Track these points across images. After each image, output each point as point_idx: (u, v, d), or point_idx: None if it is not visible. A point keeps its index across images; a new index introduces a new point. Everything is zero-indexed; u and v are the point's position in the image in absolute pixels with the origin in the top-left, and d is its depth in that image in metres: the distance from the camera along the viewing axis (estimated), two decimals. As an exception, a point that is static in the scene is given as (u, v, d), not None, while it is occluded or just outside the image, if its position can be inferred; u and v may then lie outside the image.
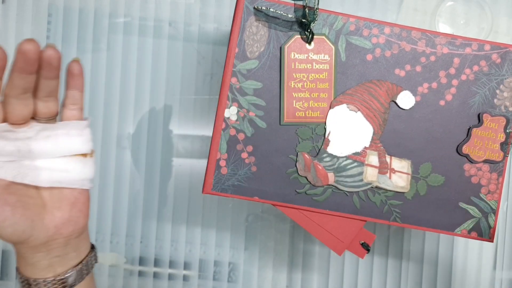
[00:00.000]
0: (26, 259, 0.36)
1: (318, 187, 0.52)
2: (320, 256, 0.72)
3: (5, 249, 0.72)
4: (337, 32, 0.51)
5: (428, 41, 0.51)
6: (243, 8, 0.50)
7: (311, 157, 0.52)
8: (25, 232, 0.34)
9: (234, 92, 0.51)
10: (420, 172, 0.52)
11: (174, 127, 0.72)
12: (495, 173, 0.53)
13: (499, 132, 0.52)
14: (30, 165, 0.34)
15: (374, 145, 0.52)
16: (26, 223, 0.34)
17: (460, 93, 0.52)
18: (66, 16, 0.71)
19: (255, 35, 0.50)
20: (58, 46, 0.71)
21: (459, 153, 0.52)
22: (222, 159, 0.51)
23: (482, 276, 0.72)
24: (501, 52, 0.52)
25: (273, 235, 0.72)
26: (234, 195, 0.52)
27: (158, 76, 0.72)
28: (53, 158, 0.35)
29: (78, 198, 0.37)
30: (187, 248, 0.72)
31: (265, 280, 0.73)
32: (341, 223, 0.53)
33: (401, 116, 0.52)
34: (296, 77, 0.51)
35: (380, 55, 0.51)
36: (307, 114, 0.51)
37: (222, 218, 0.72)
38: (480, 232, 0.54)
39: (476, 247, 0.73)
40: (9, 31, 0.70)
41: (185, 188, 0.72)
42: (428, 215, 0.53)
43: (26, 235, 0.34)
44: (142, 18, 0.71)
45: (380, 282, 0.73)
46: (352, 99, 0.51)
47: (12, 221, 0.33)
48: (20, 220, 0.34)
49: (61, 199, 0.37)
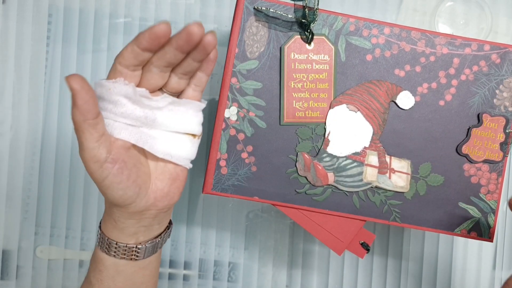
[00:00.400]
0: (117, 223, 0.37)
1: (318, 187, 0.52)
2: (320, 255, 0.73)
3: (5, 249, 0.72)
4: (337, 32, 0.51)
5: (428, 41, 0.51)
6: (243, 9, 0.50)
7: (311, 157, 0.52)
8: (131, 197, 0.35)
9: (234, 92, 0.51)
10: (419, 172, 0.53)
11: (174, 127, 0.73)
12: (495, 173, 0.53)
13: (498, 132, 0.52)
14: (149, 133, 0.35)
15: (373, 145, 0.52)
16: (135, 189, 0.35)
17: (460, 93, 0.52)
18: (66, 16, 0.71)
19: (255, 36, 0.50)
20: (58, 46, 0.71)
21: (459, 153, 0.52)
22: (222, 159, 0.51)
23: (482, 276, 0.73)
24: (501, 52, 0.52)
25: (273, 235, 0.72)
26: (234, 195, 0.52)
27: (158, 76, 0.72)
28: (169, 131, 0.36)
29: (179, 175, 0.39)
30: (187, 248, 0.72)
31: (265, 279, 0.73)
32: (341, 223, 0.53)
33: (400, 116, 0.52)
34: (296, 77, 0.51)
35: (380, 55, 0.51)
36: (307, 114, 0.51)
37: (222, 218, 0.72)
38: (479, 232, 0.54)
39: (475, 247, 0.73)
40: (9, 31, 0.70)
41: (185, 188, 0.72)
42: (428, 215, 0.53)
43: (131, 200, 0.35)
44: (142, 19, 0.71)
45: (380, 282, 0.73)
46: (352, 99, 0.52)
47: (125, 185, 0.34)
48: (132, 185, 0.35)
49: (165, 172, 0.38)
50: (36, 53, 0.71)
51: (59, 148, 0.71)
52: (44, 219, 0.72)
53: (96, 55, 0.71)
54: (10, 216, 0.71)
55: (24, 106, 0.71)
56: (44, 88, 0.71)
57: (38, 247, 0.72)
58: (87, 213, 0.71)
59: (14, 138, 0.71)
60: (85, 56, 0.71)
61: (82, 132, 0.32)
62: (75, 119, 0.32)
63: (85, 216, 0.71)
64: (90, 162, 0.33)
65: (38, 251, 0.72)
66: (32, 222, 0.72)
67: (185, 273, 0.72)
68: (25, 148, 0.71)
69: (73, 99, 0.31)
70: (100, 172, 0.34)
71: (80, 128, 0.32)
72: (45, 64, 0.71)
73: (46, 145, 0.71)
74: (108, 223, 0.38)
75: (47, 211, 0.71)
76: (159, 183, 0.38)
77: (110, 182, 0.34)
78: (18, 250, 0.72)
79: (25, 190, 0.72)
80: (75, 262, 0.72)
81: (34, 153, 0.71)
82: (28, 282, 0.72)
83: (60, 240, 0.71)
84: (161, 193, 0.38)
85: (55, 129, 0.71)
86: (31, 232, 0.72)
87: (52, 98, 0.71)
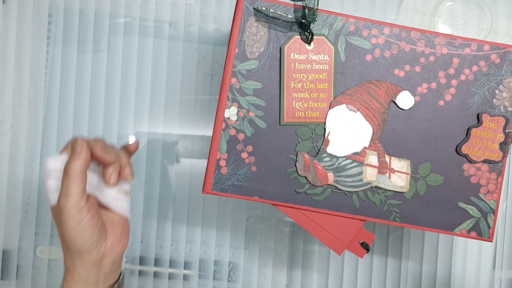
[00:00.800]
0: (80, 275, 0.42)
1: (317, 187, 0.52)
2: (320, 255, 0.73)
3: (5, 249, 0.72)
4: (336, 32, 0.51)
5: (428, 41, 0.52)
6: (243, 9, 0.50)
7: (311, 157, 0.52)
8: (96, 241, 0.41)
9: (234, 92, 0.51)
10: (419, 172, 0.53)
11: (174, 127, 0.73)
12: (494, 173, 0.53)
13: (498, 132, 0.52)
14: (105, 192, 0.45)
15: (373, 145, 0.52)
16: (99, 233, 0.42)
17: (460, 93, 0.52)
18: (66, 16, 0.71)
19: (255, 36, 0.50)
20: (58, 46, 0.71)
21: (459, 153, 0.53)
22: (222, 159, 0.52)
23: (482, 276, 0.73)
24: (500, 53, 0.52)
25: (273, 235, 0.73)
26: (234, 195, 0.52)
27: (159, 77, 0.72)
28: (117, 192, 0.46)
29: (125, 224, 0.46)
30: (187, 248, 0.73)
31: (265, 279, 0.73)
32: (341, 223, 0.53)
33: (400, 116, 0.52)
34: (296, 78, 0.51)
35: (380, 56, 0.51)
36: (306, 114, 0.51)
37: (222, 218, 0.72)
38: (479, 231, 0.54)
39: (475, 247, 0.73)
40: (10, 31, 0.71)
41: (185, 188, 0.73)
42: (428, 215, 0.53)
43: (96, 244, 0.41)
44: (142, 19, 0.72)
45: (380, 281, 0.73)
46: (352, 99, 0.52)
47: (94, 228, 0.41)
48: (98, 230, 0.41)
49: (115, 222, 0.45)
50: (36, 53, 0.71)
51: (59, 148, 0.71)
52: (44, 219, 0.72)
53: (96, 55, 0.71)
54: (10, 216, 0.71)
55: (24, 106, 0.71)
56: (44, 88, 0.71)
57: (38, 247, 0.72)
58: (87, 213, 0.71)
59: (14, 138, 0.71)
60: (85, 56, 0.71)
61: (74, 180, 0.39)
62: (75, 168, 0.39)
63: (85, 216, 0.71)
64: (72, 208, 0.39)
65: (38, 251, 0.72)
66: (32, 222, 0.72)
67: (185, 272, 0.72)
68: (25, 148, 0.71)
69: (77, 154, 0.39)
70: (77, 216, 0.40)
71: (76, 177, 0.39)
72: (45, 64, 0.71)
73: (46, 145, 0.72)
74: (70, 280, 0.43)
75: (47, 211, 0.71)
76: (111, 231, 0.44)
77: (83, 226, 0.40)
78: (18, 250, 0.72)
79: (25, 190, 0.72)
80: (75, 262, 0.72)
81: (34, 153, 0.72)
82: (28, 282, 0.72)
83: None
84: (115, 239, 0.44)
85: (55, 129, 0.71)
86: (31, 232, 0.72)
87: (52, 98, 0.71)
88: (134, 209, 0.73)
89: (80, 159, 0.40)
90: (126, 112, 0.72)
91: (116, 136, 0.72)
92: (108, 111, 0.72)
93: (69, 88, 0.71)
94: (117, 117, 0.72)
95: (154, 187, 0.72)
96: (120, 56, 0.72)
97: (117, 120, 0.72)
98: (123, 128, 0.72)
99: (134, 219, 0.72)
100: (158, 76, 0.72)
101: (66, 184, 0.39)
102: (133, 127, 0.72)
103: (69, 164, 0.39)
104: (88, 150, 0.41)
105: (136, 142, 0.48)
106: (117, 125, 0.72)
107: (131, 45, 0.72)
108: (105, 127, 0.72)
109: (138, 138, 0.72)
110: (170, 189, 0.72)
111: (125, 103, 0.72)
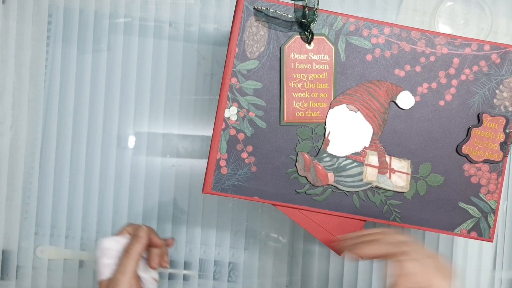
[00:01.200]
0: None
1: (318, 187, 0.52)
2: (320, 255, 0.73)
3: (5, 249, 0.72)
4: (337, 32, 0.51)
5: (428, 41, 0.51)
6: (243, 9, 0.50)
7: (311, 157, 0.52)
8: None
9: (234, 92, 0.51)
10: (419, 172, 0.53)
11: (174, 127, 0.73)
12: (495, 173, 0.53)
13: (498, 132, 0.52)
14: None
15: (373, 145, 0.52)
16: None
17: (460, 93, 0.52)
18: (66, 16, 0.71)
19: (255, 36, 0.50)
20: (58, 46, 0.71)
21: (459, 153, 0.52)
22: (222, 159, 0.51)
23: (482, 276, 0.73)
24: (501, 52, 0.52)
25: (273, 235, 0.72)
26: (234, 195, 0.52)
27: (158, 77, 0.72)
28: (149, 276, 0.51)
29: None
30: (187, 248, 0.72)
31: (265, 279, 0.73)
32: (341, 223, 0.53)
33: (400, 116, 0.52)
34: (296, 77, 0.51)
35: (380, 55, 0.51)
36: (307, 114, 0.51)
37: (222, 218, 0.72)
38: (479, 232, 0.54)
39: (475, 247, 0.73)
40: (10, 31, 0.71)
41: (185, 188, 0.72)
42: (428, 215, 0.53)
43: None
44: (142, 19, 0.71)
45: (380, 281, 0.73)
46: (352, 99, 0.52)
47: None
48: None
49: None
50: (36, 53, 0.71)
51: (59, 148, 0.71)
52: (44, 219, 0.72)
53: (96, 55, 0.71)
54: (10, 216, 0.71)
55: (24, 106, 0.71)
56: (44, 88, 0.71)
57: (38, 247, 0.72)
58: (87, 213, 0.71)
59: (14, 138, 0.71)
60: (85, 56, 0.71)
61: (133, 260, 0.46)
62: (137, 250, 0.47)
63: (85, 216, 0.71)
64: (125, 283, 0.46)
65: (38, 251, 0.72)
66: (32, 222, 0.72)
67: (185, 273, 0.72)
68: (25, 148, 0.71)
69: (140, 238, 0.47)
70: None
71: (134, 257, 0.46)
72: (45, 64, 0.71)
73: (46, 145, 0.71)
74: None
75: (47, 211, 0.71)
76: None
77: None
78: (18, 250, 0.72)
79: (25, 190, 0.72)
80: (75, 262, 0.72)
81: (34, 153, 0.71)
82: (28, 282, 0.72)
83: (60, 240, 0.71)
84: None
85: (55, 129, 0.71)
86: (31, 232, 0.72)
87: (52, 98, 0.71)
88: (134, 210, 0.73)
89: (142, 243, 0.47)
90: (126, 112, 0.72)
91: (115, 136, 0.72)
92: (108, 111, 0.72)
93: (69, 88, 0.71)
94: (117, 117, 0.72)
95: (153, 187, 0.72)
96: (120, 56, 0.72)
97: (117, 120, 0.72)
98: (123, 128, 0.72)
99: (134, 220, 0.72)
100: (158, 76, 0.72)
101: (126, 262, 0.46)
102: (133, 127, 0.72)
103: (131, 246, 0.47)
104: (148, 236, 0.48)
105: (172, 238, 0.53)
106: (117, 125, 0.72)
107: (131, 45, 0.72)
108: (105, 127, 0.72)
109: (138, 137, 0.72)
110: (170, 189, 0.72)
111: (125, 103, 0.72)
